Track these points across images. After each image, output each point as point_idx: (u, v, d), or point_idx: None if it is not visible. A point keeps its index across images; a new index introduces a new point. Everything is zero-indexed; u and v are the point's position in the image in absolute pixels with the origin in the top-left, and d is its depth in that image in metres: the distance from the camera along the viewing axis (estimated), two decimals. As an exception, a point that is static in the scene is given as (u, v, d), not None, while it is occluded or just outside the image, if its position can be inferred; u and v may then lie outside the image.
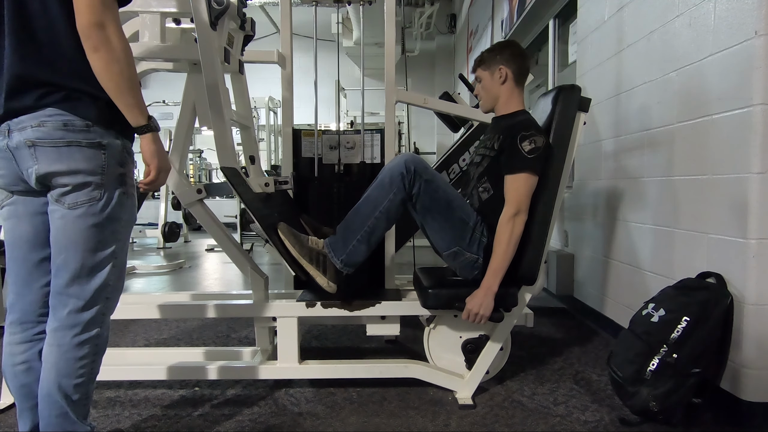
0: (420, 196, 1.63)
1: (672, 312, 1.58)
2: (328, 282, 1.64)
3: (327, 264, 1.64)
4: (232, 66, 1.84)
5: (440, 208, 1.65)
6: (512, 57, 1.74)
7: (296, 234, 1.65)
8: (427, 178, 1.61)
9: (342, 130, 2.35)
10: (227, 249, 1.85)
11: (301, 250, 1.63)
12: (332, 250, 1.64)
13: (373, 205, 1.62)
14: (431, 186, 1.62)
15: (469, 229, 1.66)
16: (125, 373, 1.82)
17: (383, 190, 1.62)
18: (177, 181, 1.83)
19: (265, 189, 1.86)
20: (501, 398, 1.77)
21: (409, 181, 1.60)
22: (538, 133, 1.62)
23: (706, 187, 1.75)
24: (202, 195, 1.82)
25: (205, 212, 1.83)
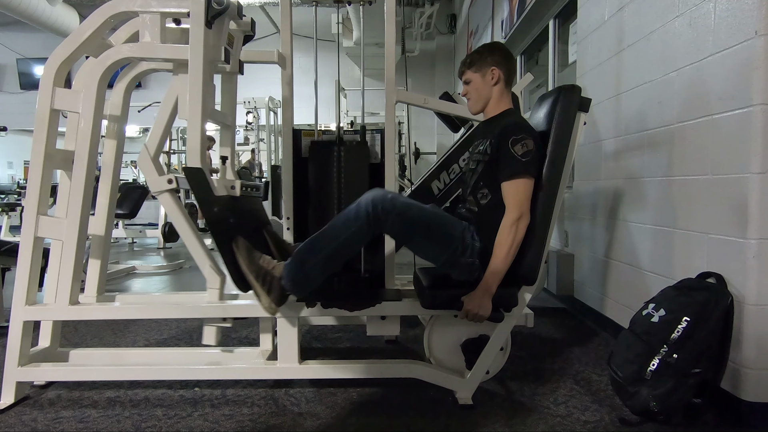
0: (395, 230, 1.63)
1: (672, 312, 1.58)
2: (270, 303, 1.61)
3: (273, 285, 1.60)
4: (232, 66, 1.84)
5: (420, 232, 1.64)
6: (503, 58, 1.75)
7: (250, 249, 1.62)
8: (397, 212, 1.58)
9: (343, 130, 2.35)
10: (190, 243, 1.81)
11: (250, 265, 1.60)
12: (287, 272, 1.61)
13: (334, 235, 1.60)
14: (401, 218, 1.59)
15: (457, 239, 1.65)
16: (125, 373, 1.82)
17: (347, 222, 1.59)
18: (149, 168, 1.81)
19: (230, 192, 1.83)
20: (501, 398, 1.77)
21: (376, 220, 1.57)
22: (528, 135, 1.62)
23: (706, 187, 1.75)
24: (172, 185, 1.78)
25: (174, 203, 1.80)
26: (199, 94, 1.62)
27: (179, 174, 2.00)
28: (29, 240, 1.72)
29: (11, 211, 5.95)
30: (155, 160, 1.83)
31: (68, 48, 1.68)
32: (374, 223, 1.57)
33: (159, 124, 1.87)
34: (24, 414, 1.66)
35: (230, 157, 2.02)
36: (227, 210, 1.69)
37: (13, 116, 8.96)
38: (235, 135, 2.09)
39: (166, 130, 1.89)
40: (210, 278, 1.80)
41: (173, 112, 1.86)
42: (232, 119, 2.04)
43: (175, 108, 1.83)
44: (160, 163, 1.88)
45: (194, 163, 1.64)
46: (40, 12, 7.54)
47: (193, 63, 1.61)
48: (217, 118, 1.89)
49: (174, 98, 1.81)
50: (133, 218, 5.38)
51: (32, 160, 1.71)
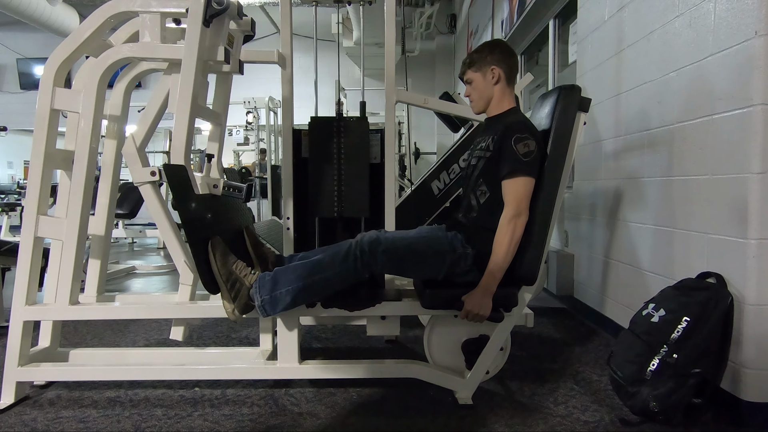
0: (386, 266, 1.66)
1: (672, 312, 1.58)
2: (234, 310, 1.60)
3: (241, 293, 1.60)
4: (232, 66, 1.84)
5: (409, 261, 1.67)
6: (503, 57, 1.74)
7: (225, 251, 1.61)
8: (382, 249, 1.60)
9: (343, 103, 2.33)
10: (167, 237, 1.81)
11: (222, 268, 1.58)
12: (259, 286, 1.60)
13: (319, 268, 1.61)
14: (389, 253, 1.61)
15: (447, 254, 1.66)
16: (125, 373, 1.82)
17: (335, 260, 1.61)
18: (133, 158, 1.81)
19: (212, 190, 1.82)
20: (501, 398, 1.77)
21: (364, 264, 1.59)
22: (531, 135, 1.62)
23: (706, 187, 1.75)
24: (154, 177, 1.78)
25: (155, 195, 1.79)
26: (190, 90, 1.62)
27: None
28: (29, 240, 1.73)
29: (11, 211, 5.94)
30: (141, 150, 1.83)
31: (68, 48, 1.69)
32: (362, 266, 1.60)
33: (147, 116, 1.87)
34: (24, 414, 1.66)
35: (217, 156, 2.01)
36: (205, 208, 1.67)
37: (13, 116, 8.96)
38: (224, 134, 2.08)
39: (154, 123, 1.89)
40: (183, 274, 1.80)
41: (163, 106, 1.85)
42: (223, 118, 2.03)
43: (165, 102, 1.82)
44: (145, 154, 1.87)
45: (178, 160, 1.63)
46: (40, 12, 7.54)
47: (186, 60, 1.61)
48: (207, 116, 1.89)
49: (165, 92, 1.80)
50: (133, 218, 5.38)
51: (32, 160, 1.71)
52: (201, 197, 1.67)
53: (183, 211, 1.57)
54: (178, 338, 1.85)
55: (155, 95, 1.85)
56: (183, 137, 1.64)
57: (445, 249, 1.66)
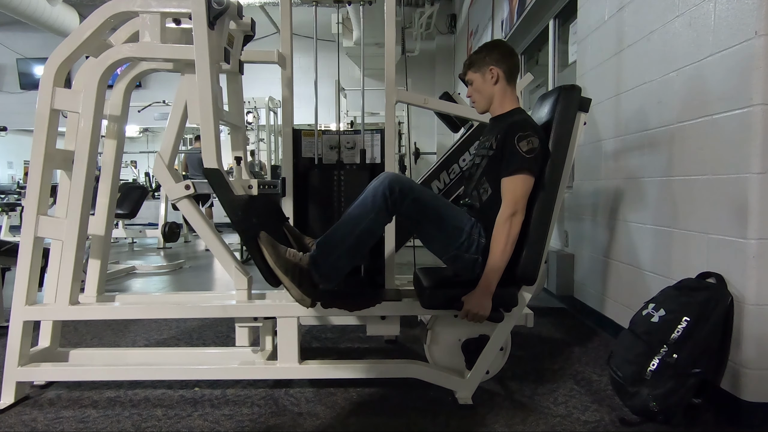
0: (410, 214, 1.64)
1: (672, 312, 1.58)
2: (302, 295, 1.60)
3: (303, 277, 1.61)
4: (232, 66, 1.84)
5: (432, 220, 1.66)
6: (502, 57, 1.74)
7: (275, 244, 1.62)
8: (414, 196, 1.60)
9: (342, 130, 2.35)
10: (213, 246, 1.83)
11: (278, 260, 1.59)
12: (312, 264, 1.62)
13: (354, 223, 1.61)
14: (418, 203, 1.61)
15: (465, 233, 1.66)
16: (125, 373, 1.82)
17: (365, 209, 1.60)
18: (164, 176, 1.82)
19: (248, 191, 1.84)
20: (501, 398, 1.77)
21: (393, 203, 1.58)
22: (534, 133, 1.62)
23: (706, 187, 1.75)
24: (189, 191, 1.78)
25: (193, 208, 1.80)
26: (209, 96, 1.63)
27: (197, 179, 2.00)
28: (29, 240, 1.73)
29: (11, 211, 5.94)
30: (170, 167, 1.84)
31: (68, 48, 1.69)
32: (392, 204, 1.59)
33: (171, 131, 1.89)
34: (24, 414, 1.66)
35: (244, 158, 2.01)
36: (248, 209, 1.70)
37: (13, 116, 8.96)
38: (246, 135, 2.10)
39: (178, 136, 1.91)
40: (237, 279, 1.80)
41: (183, 118, 1.87)
42: (240, 120, 2.04)
43: (184, 113, 1.84)
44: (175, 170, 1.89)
45: (211, 164, 1.65)
46: (40, 12, 7.54)
47: (200, 65, 1.61)
48: (227, 119, 1.89)
49: (183, 103, 1.82)
50: (133, 218, 5.39)
51: (32, 160, 1.71)
52: (242, 199, 1.71)
53: (232, 217, 1.61)
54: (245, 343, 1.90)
55: (173, 110, 1.88)
56: (212, 141, 1.66)
57: (465, 227, 1.67)
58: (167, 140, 1.90)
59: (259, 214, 1.76)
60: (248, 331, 1.95)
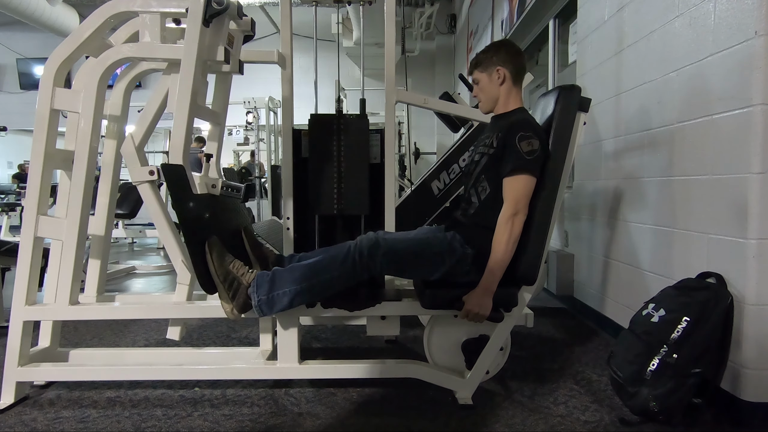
0: (387, 268, 1.66)
1: (672, 312, 1.58)
2: (233, 309, 1.60)
3: (239, 292, 1.59)
4: (232, 66, 1.84)
5: (409, 262, 1.67)
6: (508, 57, 1.74)
7: (222, 252, 1.61)
8: (383, 252, 1.61)
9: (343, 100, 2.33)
10: (165, 236, 1.81)
11: (219, 268, 1.58)
12: (257, 285, 1.60)
13: (318, 270, 1.61)
14: (389, 255, 1.62)
15: (446, 255, 1.66)
16: (125, 373, 1.82)
17: (333, 262, 1.61)
18: (132, 157, 1.80)
19: (211, 190, 1.82)
20: (501, 398, 1.77)
21: (363, 266, 1.60)
22: (535, 134, 1.62)
23: (706, 187, 1.75)
24: (153, 177, 1.77)
25: (153, 194, 1.79)
26: (189, 90, 1.62)
27: None
28: (29, 240, 1.73)
29: (11, 211, 5.94)
30: (139, 150, 1.82)
31: (68, 48, 1.69)
32: (361, 268, 1.61)
33: (146, 116, 1.87)
34: (24, 414, 1.66)
35: (216, 156, 2.01)
36: (204, 207, 1.67)
37: (13, 116, 8.96)
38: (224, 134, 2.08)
39: (153, 122, 1.88)
40: (181, 274, 1.80)
41: (162, 106, 1.85)
42: (222, 118, 2.03)
43: (164, 102, 1.82)
44: (144, 153, 1.87)
45: (176, 159, 1.63)
46: (40, 12, 7.54)
47: (186, 59, 1.61)
48: (206, 116, 1.88)
49: (164, 92, 1.80)
50: (133, 218, 5.38)
51: (32, 160, 1.71)
52: (199, 197, 1.67)
53: (180, 211, 1.57)
54: (175, 338, 1.85)
55: (154, 95, 1.85)
56: (182, 137, 1.64)
57: (444, 250, 1.66)
58: (141, 124, 1.87)
59: (215, 215, 1.74)
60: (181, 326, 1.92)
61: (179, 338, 1.86)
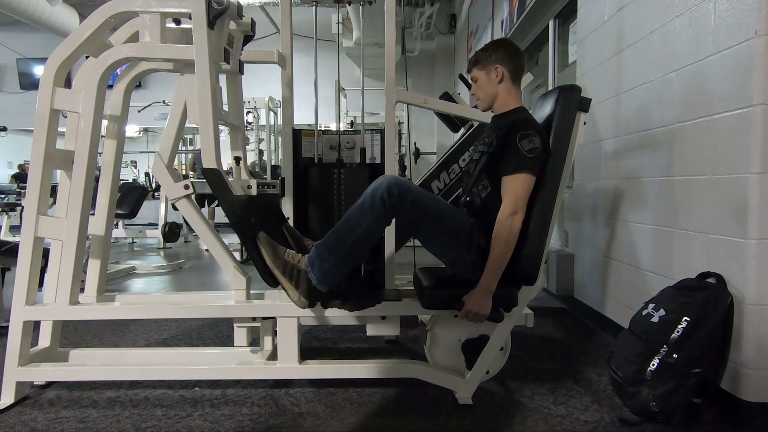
0: (409, 216, 1.64)
1: (672, 312, 1.58)
2: (300, 296, 1.61)
3: (301, 278, 1.61)
4: (232, 66, 1.84)
5: (431, 222, 1.65)
6: (507, 55, 1.74)
7: (274, 244, 1.63)
8: (412, 198, 1.59)
9: (342, 130, 2.35)
10: (212, 246, 1.83)
11: (276, 261, 1.60)
12: (310, 266, 1.62)
13: (352, 227, 1.60)
14: (417, 206, 1.60)
15: (464, 236, 1.65)
16: (125, 373, 1.82)
17: (363, 212, 1.59)
18: (164, 176, 1.82)
19: (247, 191, 1.84)
20: (501, 398, 1.77)
21: (392, 206, 1.57)
22: (536, 133, 1.62)
23: (706, 187, 1.75)
24: (189, 191, 1.79)
25: (192, 208, 1.81)
26: (209, 96, 1.63)
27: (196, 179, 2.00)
28: (29, 240, 1.73)
29: (11, 211, 5.95)
30: (170, 167, 1.84)
31: (68, 48, 1.69)
32: (390, 208, 1.58)
33: (170, 131, 1.88)
34: (24, 414, 1.66)
35: (243, 158, 2.01)
36: (247, 209, 1.70)
37: (13, 116, 8.96)
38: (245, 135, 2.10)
39: (177, 136, 1.90)
40: (235, 279, 1.80)
41: (183, 118, 1.87)
42: (240, 120, 2.04)
43: (184, 113, 1.84)
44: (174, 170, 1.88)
45: (210, 164, 1.65)
46: (40, 12, 7.54)
47: (200, 65, 1.61)
48: (226, 119, 1.89)
49: (182, 103, 1.82)
50: (133, 218, 5.39)
51: (32, 160, 1.71)
52: (240, 200, 1.70)
53: (230, 217, 1.61)
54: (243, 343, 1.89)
55: (173, 110, 1.88)
56: (211, 142, 1.66)
57: (464, 229, 1.66)
58: (166, 140, 1.90)
59: (257, 215, 1.76)
60: (247, 331, 1.95)
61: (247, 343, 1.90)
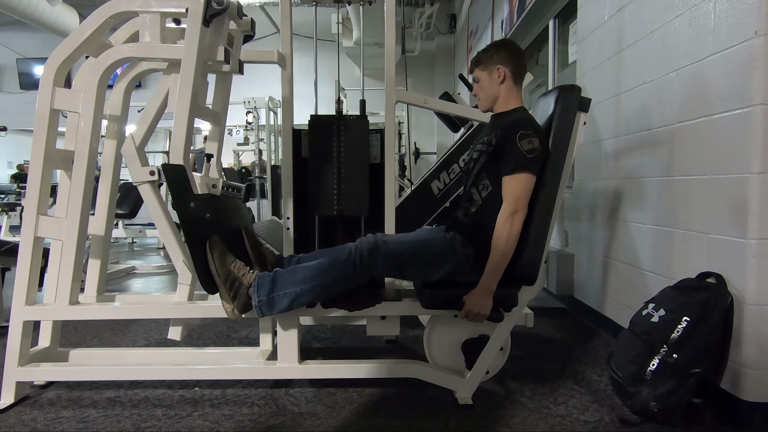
0: (388, 270, 1.67)
1: (672, 312, 1.58)
2: (233, 309, 1.60)
3: (240, 292, 1.60)
4: (232, 66, 1.84)
5: (410, 264, 1.67)
6: (509, 56, 1.74)
7: (223, 252, 1.61)
8: (383, 254, 1.61)
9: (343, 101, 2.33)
10: (165, 236, 1.81)
11: (221, 268, 1.59)
12: (257, 286, 1.60)
13: (318, 273, 1.61)
14: (389, 258, 1.62)
15: (447, 256, 1.66)
16: (125, 373, 1.82)
17: (334, 265, 1.61)
18: (132, 157, 1.80)
19: (211, 190, 1.83)
20: (501, 398, 1.77)
21: (364, 269, 1.60)
22: (535, 133, 1.62)
23: (706, 187, 1.75)
24: (153, 177, 1.78)
25: (153, 194, 1.79)
26: (189, 90, 1.62)
27: None
28: (29, 240, 1.72)
29: (11, 211, 5.94)
30: (140, 150, 1.83)
31: (68, 48, 1.68)
32: (361, 271, 1.61)
33: (147, 116, 1.87)
34: (24, 414, 1.66)
35: (216, 156, 2.01)
36: (204, 207, 1.67)
37: (13, 116, 8.95)
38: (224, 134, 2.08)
39: (153, 122, 1.88)
40: (182, 274, 1.80)
41: (163, 106, 1.85)
42: (222, 118, 2.03)
43: (164, 102, 1.82)
44: (145, 154, 1.87)
45: (177, 159, 1.63)
46: (40, 12, 7.54)
47: (186, 59, 1.61)
48: (207, 116, 1.89)
49: (165, 92, 1.80)
50: (133, 218, 5.38)
51: (32, 160, 1.71)
52: (200, 197, 1.67)
53: (181, 211, 1.57)
54: (176, 338, 1.85)
55: (155, 95, 1.85)
56: (182, 137, 1.64)
57: (444, 251, 1.66)
58: (142, 124, 1.87)
59: (216, 215, 1.74)
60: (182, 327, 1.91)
61: (181, 338, 1.86)
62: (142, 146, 1.84)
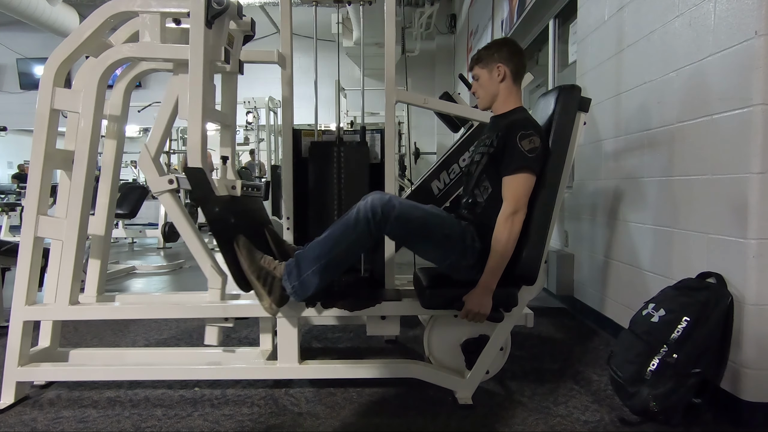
0: (395, 232, 1.64)
1: (672, 312, 1.58)
2: (271, 304, 1.61)
3: (274, 286, 1.61)
4: (232, 66, 1.84)
5: (418, 234, 1.65)
6: (510, 55, 1.74)
7: (251, 249, 1.63)
8: (396, 214, 1.57)
9: (343, 130, 2.35)
10: (191, 243, 1.81)
11: (252, 266, 1.60)
12: (287, 275, 1.62)
13: (334, 242, 1.60)
14: (401, 220, 1.59)
15: (456, 241, 1.65)
16: (125, 373, 1.82)
17: (347, 229, 1.59)
18: (149, 168, 1.80)
19: (231, 192, 1.83)
20: (501, 398, 1.77)
21: (377, 226, 1.57)
22: (536, 132, 1.62)
23: (706, 187, 1.75)
24: (172, 185, 1.78)
25: (174, 203, 1.79)
26: (200, 93, 1.62)
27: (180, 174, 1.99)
28: (29, 240, 1.72)
29: (11, 211, 5.95)
30: (156, 160, 1.83)
31: (68, 48, 1.69)
32: (375, 228, 1.57)
33: (159, 125, 1.87)
34: (24, 414, 1.66)
35: (231, 157, 2.02)
36: (228, 210, 1.70)
37: (13, 116, 8.97)
38: (236, 135, 2.09)
39: (166, 131, 1.89)
40: (211, 278, 1.80)
41: (173, 113, 1.86)
42: (232, 119, 2.04)
43: (175, 108, 1.83)
44: (161, 163, 1.88)
45: (195, 163, 1.64)
46: (40, 12, 7.54)
47: (193, 63, 1.61)
48: (217, 118, 1.89)
49: (174, 98, 1.81)
50: (133, 218, 5.38)
51: (32, 160, 1.71)
52: (222, 199, 1.69)
53: (207, 214, 1.60)
54: (213, 342, 1.86)
55: (164, 102, 1.86)
56: (198, 140, 1.65)
57: (456, 236, 1.65)
58: (155, 133, 1.87)
59: (239, 216, 1.75)
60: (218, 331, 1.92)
61: (218, 343, 1.87)
62: (157, 156, 1.85)
